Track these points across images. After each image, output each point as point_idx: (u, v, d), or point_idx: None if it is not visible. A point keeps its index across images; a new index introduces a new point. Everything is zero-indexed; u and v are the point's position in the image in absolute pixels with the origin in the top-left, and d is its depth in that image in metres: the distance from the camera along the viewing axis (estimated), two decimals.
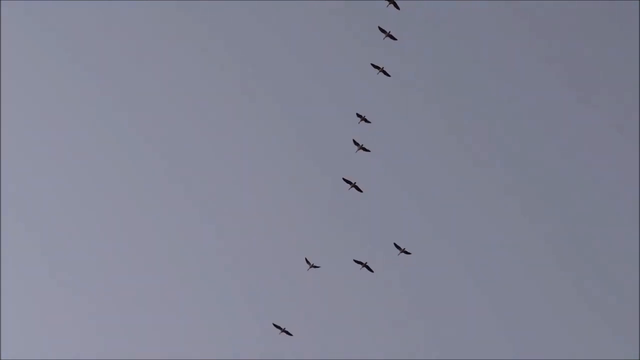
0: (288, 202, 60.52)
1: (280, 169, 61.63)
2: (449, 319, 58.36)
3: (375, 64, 49.75)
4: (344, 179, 50.48)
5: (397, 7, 48.45)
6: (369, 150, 50.01)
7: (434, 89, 61.88)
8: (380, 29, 49.12)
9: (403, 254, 50.02)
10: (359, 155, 50.24)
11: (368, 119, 50.07)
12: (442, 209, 60.57)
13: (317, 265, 51.06)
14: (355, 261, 50.20)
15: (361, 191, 50.38)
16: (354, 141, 50.06)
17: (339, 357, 55.87)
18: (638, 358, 55.77)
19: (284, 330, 50.98)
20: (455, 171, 61.64)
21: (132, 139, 63.44)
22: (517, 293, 59.21)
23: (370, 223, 55.92)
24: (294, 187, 60.90)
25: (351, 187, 50.25)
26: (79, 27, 64.42)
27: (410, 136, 60.68)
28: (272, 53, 63.54)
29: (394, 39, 49.16)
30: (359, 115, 50.08)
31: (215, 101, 63.83)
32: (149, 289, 59.48)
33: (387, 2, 48.49)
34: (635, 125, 62.17)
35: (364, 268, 50.10)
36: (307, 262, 50.39)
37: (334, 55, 61.83)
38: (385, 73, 49.71)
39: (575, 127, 63.37)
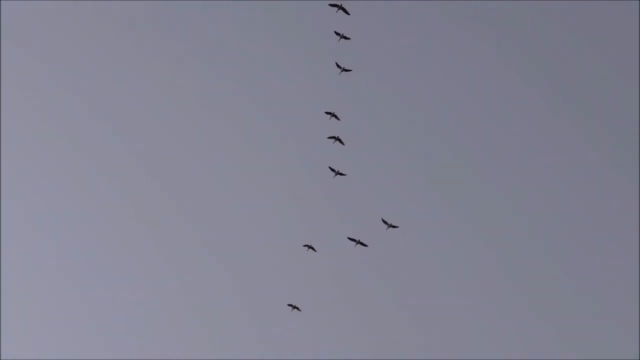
0: (278, 196, 61.02)
1: (264, 165, 62.15)
2: (445, 311, 58.62)
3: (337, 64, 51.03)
4: (330, 168, 51.69)
5: (347, 13, 49.45)
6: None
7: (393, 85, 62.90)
8: (335, 32, 50.18)
9: (391, 227, 51.31)
10: (336, 145, 51.40)
11: (338, 116, 51.17)
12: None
13: (314, 248, 52.05)
14: (349, 238, 51.25)
15: (344, 175, 51.57)
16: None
17: (338, 355, 56.01)
18: (638, 358, 55.81)
19: (295, 307, 51.85)
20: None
21: (129, 138, 63.86)
22: (517, 292, 59.36)
23: (356, 204, 56.86)
24: (280, 181, 61.43)
25: (336, 174, 51.45)
26: (79, 27, 64.75)
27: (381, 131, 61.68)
28: (241, 55, 64.08)
29: (348, 38, 50.20)
30: (328, 113, 51.14)
31: (194, 103, 64.32)
32: (149, 289, 59.64)
33: (336, 8, 49.53)
34: (636, 126, 62.33)
35: (359, 244, 51.32)
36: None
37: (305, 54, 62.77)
38: (346, 70, 50.70)
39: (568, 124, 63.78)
